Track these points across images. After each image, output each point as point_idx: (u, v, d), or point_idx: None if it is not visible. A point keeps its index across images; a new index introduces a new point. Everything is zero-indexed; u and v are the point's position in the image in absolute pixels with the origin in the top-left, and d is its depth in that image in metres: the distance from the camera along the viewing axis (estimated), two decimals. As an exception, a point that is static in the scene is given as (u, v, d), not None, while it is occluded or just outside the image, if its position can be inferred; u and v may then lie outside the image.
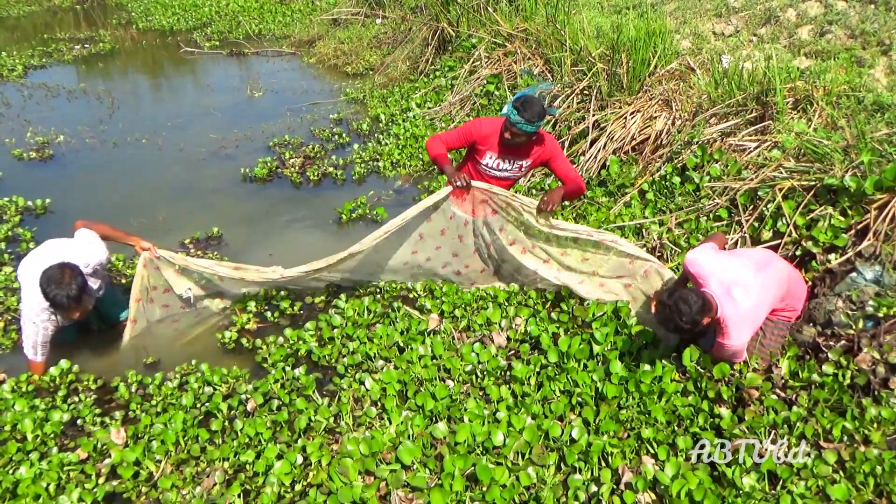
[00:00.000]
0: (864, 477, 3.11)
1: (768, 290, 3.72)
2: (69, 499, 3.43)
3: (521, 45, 8.73)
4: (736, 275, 3.68)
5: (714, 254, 3.86)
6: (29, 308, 4.12)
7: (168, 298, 4.86)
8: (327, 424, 3.92)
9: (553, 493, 3.24)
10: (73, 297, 3.87)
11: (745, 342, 3.68)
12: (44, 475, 3.56)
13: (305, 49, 14.13)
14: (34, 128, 9.45)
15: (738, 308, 3.58)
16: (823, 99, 5.66)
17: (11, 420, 3.97)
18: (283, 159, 8.26)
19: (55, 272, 3.87)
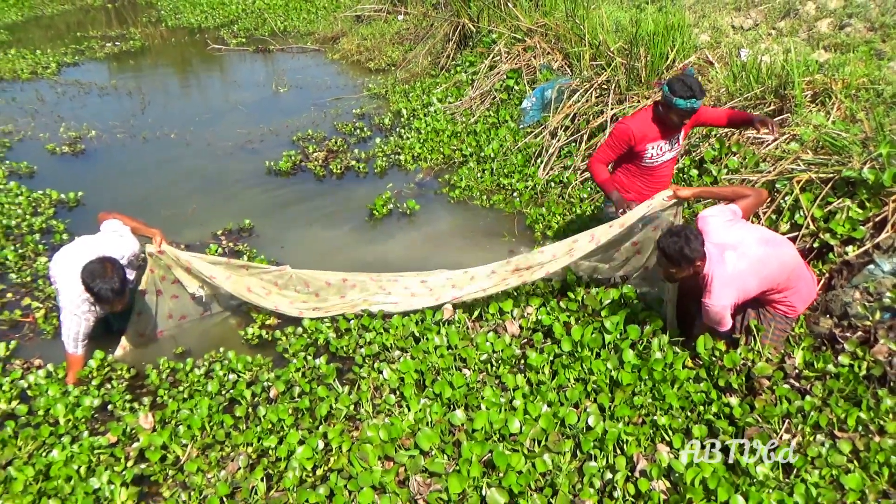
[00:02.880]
0: (878, 467, 3.07)
1: (765, 266, 3.65)
2: (99, 480, 3.47)
3: (541, 39, 8.68)
4: (736, 240, 3.66)
5: (728, 218, 3.82)
6: (69, 301, 4.11)
7: (177, 289, 4.84)
8: (347, 412, 3.94)
9: (569, 479, 3.23)
10: (116, 290, 3.91)
11: (727, 307, 3.61)
12: (75, 458, 3.62)
13: (329, 45, 14.17)
14: (67, 123, 9.59)
15: (725, 269, 3.57)
16: (842, 92, 5.57)
17: (45, 405, 4.04)
18: (306, 153, 8.30)
19: (97, 266, 3.90)
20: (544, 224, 6.20)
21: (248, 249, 6.12)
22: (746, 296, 3.68)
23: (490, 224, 6.50)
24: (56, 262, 4.26)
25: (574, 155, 6.95)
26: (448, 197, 7.07)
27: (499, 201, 6.84)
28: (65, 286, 4.11)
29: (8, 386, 4.29)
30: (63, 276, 4.13)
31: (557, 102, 7.50)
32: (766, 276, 3.66)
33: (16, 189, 7.18)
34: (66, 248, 4.34)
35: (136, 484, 3.54)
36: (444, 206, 6.95)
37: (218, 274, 4.69)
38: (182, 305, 4.93)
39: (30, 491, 3.40)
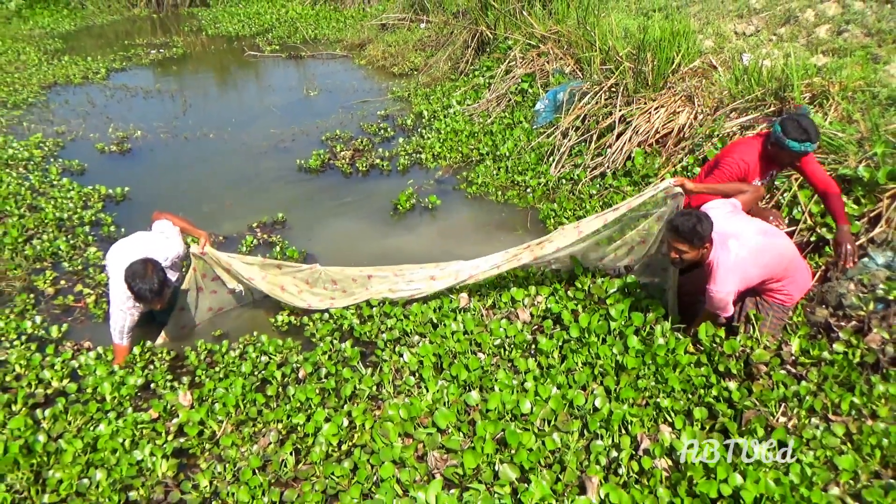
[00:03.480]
0: (870, 449, 3.01)
1: (764, 255, 3.61)
2: (142, 452, 3.50)
3: (554, 45, 8.61)
4: (738, 230, 3.61)
5: (729, 210, 3.77)
6: (116, 297, 4.13)
7: (216, 286, 4.85)
8: (370, 392, 3.94)
9: (576, 457, 3.20)
10: (154, 290, 3.91)
11: (731, 293, 3.56)
12: (120, 432, 3.65)
13: (356, 52, 14.15)
14: (115, 124, 9.66)
15: (729, 256, 3.52)
16: (839, 94, 5.47)
17: (92, 384, 4.09)
18: (334, 152, 8.30)
19: (139, 267, 3.90)
20: (556, 219, 6.15)
21: (281, 241, 6.14)
22: (748, 283, 3.64)
23: (505, 219, 6.47)
24: (110, 256, 4.30)
25: (584, 154, 6.89)
26: (465, 193, 7.04)
27: (513, 196, 6.80)
28: (114, 282, 4.14)
29: (60, 365, 4.34)
30: (114, 271, 4.16)
31: (569, 104, 7.44)
32: (766, 265, 3.62)
33: (68, 185, 7.26)
34: (121, 244, 4.36)
35: (176, 456, 3.57)
36: (462, 202, 6.92)
37: (255, 275, 4.69)
38: (220, 300, 4.96)
39: (78, 462, 3.44)
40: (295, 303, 4.79)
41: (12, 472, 3.38)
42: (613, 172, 6.50)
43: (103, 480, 3.34)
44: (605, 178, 6.49)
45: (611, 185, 6.35)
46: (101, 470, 3.38)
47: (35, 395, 4.10)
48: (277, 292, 4.76)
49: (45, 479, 3.37)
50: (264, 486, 3.26)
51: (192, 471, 3.51)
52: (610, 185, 6.37)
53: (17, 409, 3.95)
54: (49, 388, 4.20)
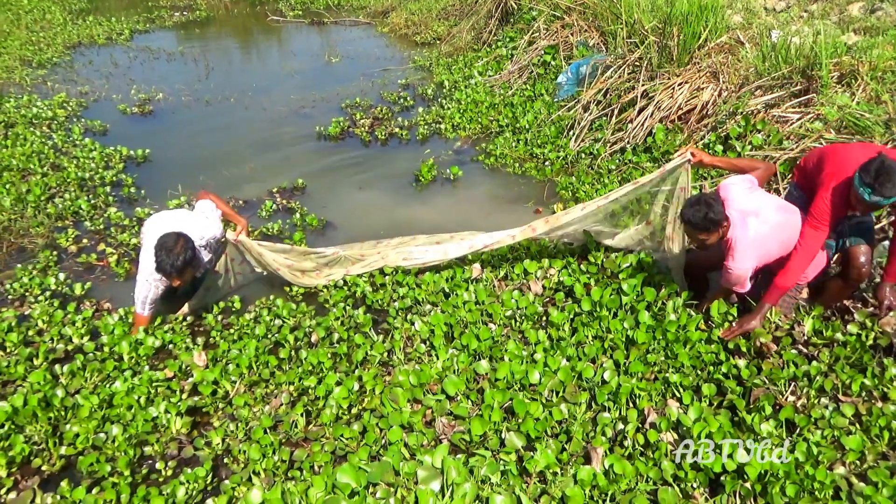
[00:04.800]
0: (879, 430, 3.01)
1: (783, 231, 3.60)
2: (157, 409, 3.57)
3: (579, 17, 8.49)
4: (756, 207, 3.60)
5: (747, 186, 3.73)
6: (145, 267, 4.10)
7: (242, 269, 4.88)
8: (381, 358, 3.98)
9: (582, 428, 3.23)
10: (176, 266, 3.88)
11: (748, 269, 3.57)
12: (136, 389, 3.72)
13: (379, 19, 14.05)
14: (138, 86, 9.72)
15: (748, 234, 3.52)
16: (868, 74, 5.36)
17: (110, 342, 4.16)
18: (354, 119, 8.30)
19: (170, 240, 3.89)
20: (573, 192, 6.12)
21: (300, 207, 6.18)
22: (767, 259, 3.63)
23: (522, 191, 6.44)
24: (147, 226, 4.30)
25: (605, 128, 6.82)
26: (483, 164, 7.02)
27: (530, 169, 6.77)
28: (145, 252, 4.13)
29: (80, 323, 4.42)
30: (147, 241, 4.15)
31: (591, 78, 7.34)
32: (785, 241, 3.61)
33: (90, 145, 7.32)
34: (160, 216, 4.37)
35: (190, 414, 3.64)
36: (480, 173, 6.90)
37: (281, 264, 4.70)
38: (244, 280, 4.98)
39: (94, 417, 3.52)
40: (316, 282, 4.84)
41: (31, 425, 3.47)
42: (633, 148, 6.43)
43: (119, 435, 3.42)
44: (624, 154, 6.43)
45: (630, 161, 6.30)
46: (117, 425, 3.46)
47: (56, 350, 4.19)
48: (298, 276, 4.80)
49: (63, 432, 3.46)
50: (275, 444, 3.33)
51: (205, 428, 3.59)
52: (629, 160, 6.31)
53: (37, 363, 4.04)
54: (70, 345, 4.28)
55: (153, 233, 4.12)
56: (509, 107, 8.08)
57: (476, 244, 4.61)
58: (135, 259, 5.19)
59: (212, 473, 3.25)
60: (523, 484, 2.92)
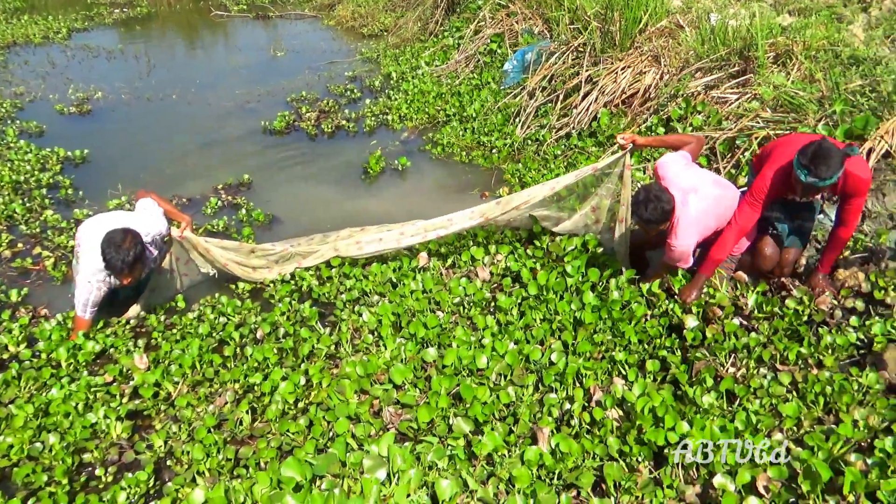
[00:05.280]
0: (814, 396, 3.08)
1: (720, 205, 3.72)
2: (96, 415, 3.46)
3: (523, 5, 8.51)
4: (694, 183, 3.70)
5: (684, 163, 3.85)
6: (86, 268, 3.95)
7: (188, 269, 4.74)
8: (328, 351, 3.93)
9: (529, 409, 3.24)
10: (127, 262, 3.75)
11: (691, 245, 3.69)
12: (73, 395, 3.60)
13: (325, 12, 13.90)
14: (76, 85, 9.43)
15: (689, 211, 3.62)
16: (803, 53, 5.48)
17: (46, 349, 4.00)
18: (300, 113, 8.18)
19: (117, 236, 3.76)
20: (520, 178, 6.14)
21: (246, 203, 6.07)
22: (706, 233, 3.74)
23: (470, 179, 6.43)
24: (84, 228, 4.12)
25: (550, 114, 6.85)
26: (431, 154, 6.99)
27: (477, 157, 6.77)
28: (87, 253, 3.97)
29: (18, 331, 4.26)
30: (87, 243, 4.00)
31: (536, 65, 7.38)
32: (721, 215, 3.73)
33: (25, 147, 7.05)
34: (98, 218, 4.19)
35: (131, 418, 3.54)
36: (428, 163, 6.88)
37: (230, 260, 4.60)
38: (190, 282, 4.83)
39: (29, 426, 3.38)
40: (266, 276, 4.74)
41: (-39, 439, 3.33)
42: (579, 133, 6.48)
43: (56, 444, 3.29)
44: (570, 139, 6.47)
45: (576, 146, 6.34)
46: (55, 434, 3.33)
47: (-11, 359, 4.03)
48: (249, 272, 4.71)
49: (-5, 444, 3.32)
50: (219, 443, 3.25)
51: (147, 432, 3.48)
52: (575, 145, 6.36)
53: (-31, 374, 3.88)
54: (5, 353, 4.11)
55: (92, 234, 3.98)
56: (456, 96, 8.07)
57: (430, 235, 4.58)
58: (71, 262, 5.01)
59: (154, 477, 3.16)
60: (470, 467, 2.92)
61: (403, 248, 4.69)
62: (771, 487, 2.60)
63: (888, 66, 4.84)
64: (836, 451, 2.71)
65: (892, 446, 2.66)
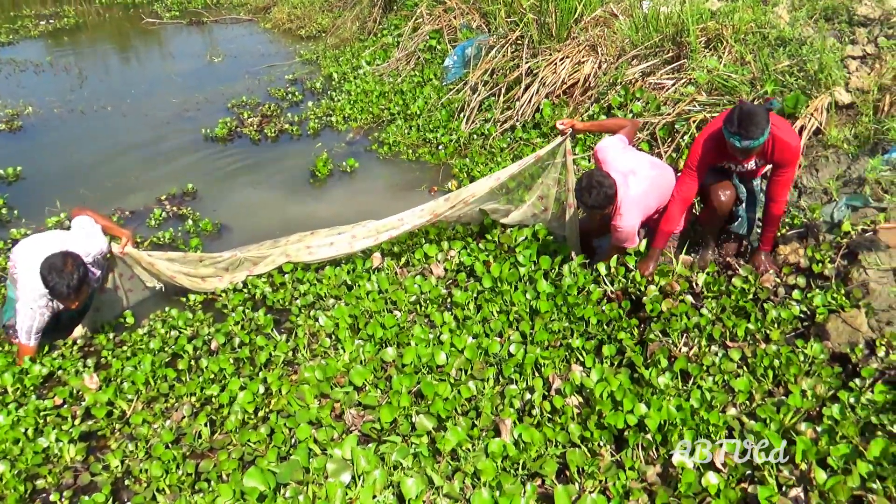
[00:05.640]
0: (763, 370, 3.19)
1: (658, 187, 3.87)
2: (47, 439, 3.36)
3: (459, 0, 8.52)
4: (633, 165, 3.83)
5: (621, 147, 3.97)
6: (27, 294, 3.77)
7: (132, 284, 4.59)
8: (286, 358, 3.88)
9: (491, 402, 3.26)
10: (73, 286, 3.58)
11: (635, 226, 3.81)
12: (21, 421, 3.48)
13: (261, 15, 13.69)
14: (3, 101, 9.05)
15: (630, 193, 3.75)
16: (732, 37, 5.63)
17: None
18: (241, 119, 8.05)
19: (58, 261, 3.58)
20: (468, 172, 6.16)
21: (192, 213, 5.94)
22: (648, 212, 3.88)
23: (418, 176, 6.43)
24: (19, 251, 3.92)
25: (494, 108, 6.89)
26: (377, 153, 6.96)
27: (424, 154, 6.77)
28: (25, 278, 3.78)
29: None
30: (25, 267, 3.80)
31: (477, 59, 7.40)
32: (661, 195, 3.88)
33: (-47, 167, 6.77)
34: (34, 239, 3.98)
35: (84, 440, 3.44)
36: (375, 163, 6.84)
37: (176, 271, 4.47)
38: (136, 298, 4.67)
39: (-23, 455, 3.26)
40: (217, 286, 4.64)
41: None
42: (523, 125, 6.53)
43: (7, 472, 3.17)
44: (514, 132, 6.52)
45: (521, 138, 6.39)
46: (4, 462, 3.21)
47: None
48: (199, 283, 4.60)
49: (-60, 477, 3.18)
50: (178, 459, 3.18)
51: (102, 452, 3.39)
52: (520, 137, 6.41)
53: None
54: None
55: (28, 257, 3.80)
56: (399, 94, 8.04)
57: (382, 236, 4.56)
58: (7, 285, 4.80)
59: (112, 498, 3.08)
60: (435, 464, 2.92)
61: (356, 252, 4.66)
62: (727, 462, 2.68)
63: (812, 46, 5.01)
64: (787, 422, 2.81)
65: (839, 413, 2.77)
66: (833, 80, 4.63)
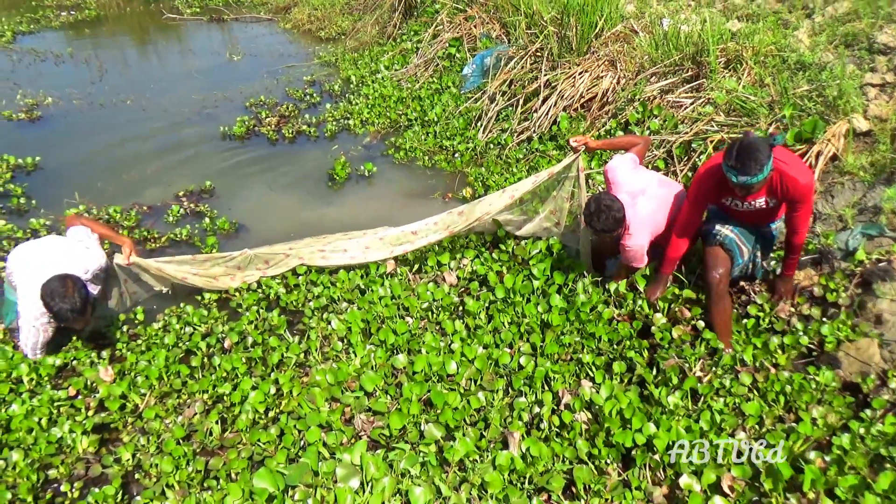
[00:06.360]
0: (775, 395, 3.19)
1: (668, 206, 3.90)
2: (61, 430, 3.39)
3: (480, 9, 8.57)
4: (643, 185, 3.86)
5: (631, 166, 3.97)
6: (28, 311, 3.72)
7: (137, 287, 4.56)
8: (298, 359, 3.92)
9: (500, 414, 3.28)
10: (77, 310, 3.56)
11: (644, 245, 3.82)
12: (35, 411, 3.51)
13: (282, 15, 13.75)
14: (24, 91, 9.11)
15: (639, 214, 3.77)
16: (752, 58, 5.64)
17: (6, 367, 3.83)
18: (259, 118, 8.10)
19: (57, 285, 3.53)
20: (483, 182, 6.19)
21: (210, 210, 5.99)
22: (657, 232, 3.90)
23: (433, 183, 6.46)
24: (16, 261, 3.86)
25: (511, 118, 6.93)
26: (393, 158, 7.00)
27: (440, 161, 6.80)
28: (25, 295, 3.73)
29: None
30: (24, 282, 3.75)
31: (496, 69, 7.44)
32: (670, 213, 3.89)
33: (-28, 154, 6.84)
34: (29, 248, 3.91)
35: (97, 432, 3.47)
36: (391, 168, 6.87)
37: (187, 273, 4.47)
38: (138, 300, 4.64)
39: (-10, 444, 3.30)
40: (230, 284, 4.65)
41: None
42: (540, 137, 6.56)
43: (20, 461, 3.21)
44: (531, 143, 6.55)
45: (537, 150, 6.42)
46: (18, 451, 3.25)
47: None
48: (211, 281, 4.60)
49: (-47, 464, 3.22)
50: (189, 455, 3.22)
51: (114, 445, 3.43)
52: (536, 149, 6.44)
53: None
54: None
55: (27, 270, 3.75)
56: (417, 100, 8.08)
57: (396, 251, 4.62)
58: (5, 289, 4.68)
59: (122, 491, 3.12)
60: (443, 474, 2.94)
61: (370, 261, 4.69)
62: (735, 487, 2.69)
63: (832, 72, 5.02)
64: (796, 449, 2.82)
65: (850, 443, 2.77)
66: (851, 107, 4.64)
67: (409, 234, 4.61)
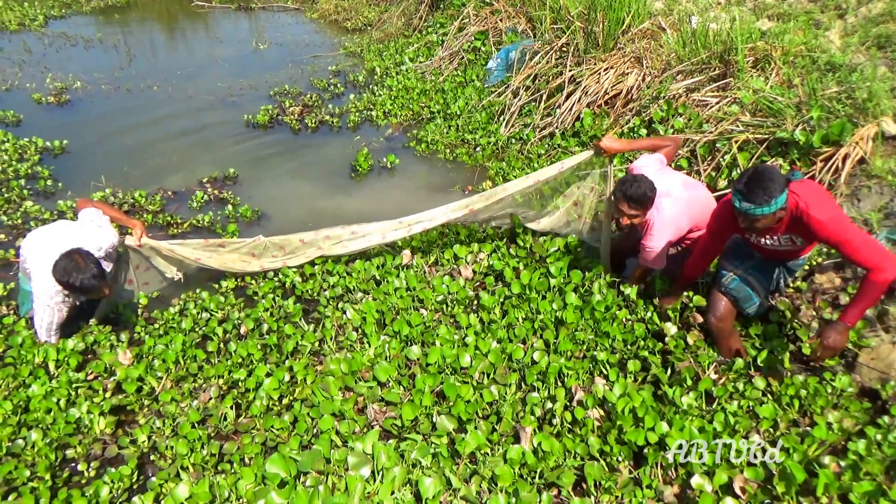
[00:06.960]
0: (790, 399, 3.16)
1: (692, 207, 3.81)
2: (79, 411, 3.45)
3: (506, 3, 8.54)
4: (668, 187, 3.78)
5: (657, 167, 3.94)
6: (42, 292, 3.75)
7: (149, 276, 4.56)
8: (312, 348, 3.95)
9: (512, 408, 3.28)
10: (96, 276, 3.61)
11: (663, 247, 3.76)
12: (54, 392, 3.57)
13: (309, 5, 13.83)
14: (53, 74, 9.28)
15: (663, 215, 3.71)
16: (781, 58, 5.57)
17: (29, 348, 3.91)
18: (283, 107, 8.16)
19: (68, 262, 3.58)
20: (504, 176, 6.18)
21: (233, 197, 6.05)
22: (679, 234, 3.83)
23: (454, 177, 6.47)
24: (29, 245, 3.88)
25: (534, 113, 6.90)
26: (415, 150, 7.01)
27: (462, 154, 6.80)
28: (38, 276, 3.75)
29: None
30: (37, 264, 3.76)
31: (520, 63, 7.41)
32: (694, 216, 3.83)
33: (2, 136, 6.96)
34: (42, 233, 3.94)
35: (114, 413, 3.53)
36: (413, 160, 6.89)
37: (201, 255, 4.46)
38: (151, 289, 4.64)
39: (9, 423, 3.36)
40: (249, 269, 4.65)
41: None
42: (562, 133, 6.53)
43: (39, 440, 3.28)
44: (553, 139, 6.53)
45: (559, 146, 6.39)
46: (36, 430, 3.32)
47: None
48: (229, 265, 4.58)
49: (-27, 443, 3.28)
50: (203, 439, 3.26)
51: (131, 427, 3.48)
52: (558, 144, 6.41)
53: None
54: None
55: (41, 253, 3.77)
56: (440, 93, 8.08)
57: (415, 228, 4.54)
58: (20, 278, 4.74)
59: (137, 471, 3.17)
60: (454, 465, 2.96)
61: (388, 243, 4.68)
62: (747, 488, 2.67)
63: (863, 74, 4.93)
64: (810, 453, 2.79)
65: (865, 449, 2.74)
66: (881, 110, 4.56)
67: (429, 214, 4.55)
